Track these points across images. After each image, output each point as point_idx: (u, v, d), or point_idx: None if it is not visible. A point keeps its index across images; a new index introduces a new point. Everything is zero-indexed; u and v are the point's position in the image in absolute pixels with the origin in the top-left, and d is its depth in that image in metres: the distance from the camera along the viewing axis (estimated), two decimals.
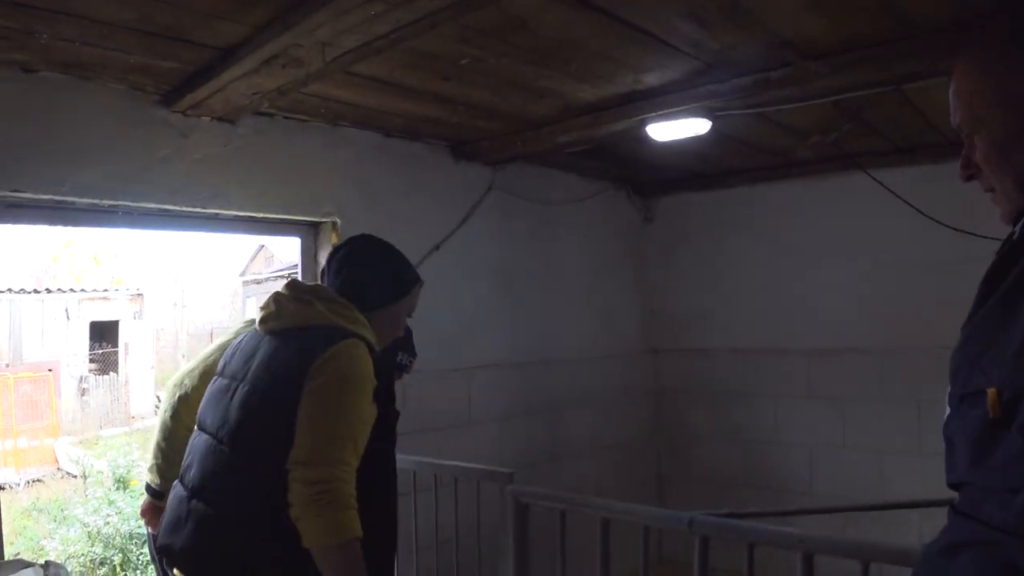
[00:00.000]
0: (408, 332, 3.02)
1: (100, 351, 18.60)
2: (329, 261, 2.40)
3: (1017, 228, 1.14)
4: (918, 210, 4.22)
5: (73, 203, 2.84)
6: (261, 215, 3.38)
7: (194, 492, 2.07)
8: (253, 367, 2.11)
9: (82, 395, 16.71)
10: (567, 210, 4.84)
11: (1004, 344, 1.03)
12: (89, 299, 18.69)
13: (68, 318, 18.17)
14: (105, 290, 18.89)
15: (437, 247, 3.89)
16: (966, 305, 1.22)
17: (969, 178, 1.25)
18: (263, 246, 23.13)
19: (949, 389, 1.16)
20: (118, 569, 6.42)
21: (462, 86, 3.06)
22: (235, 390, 2.10)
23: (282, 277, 18.86)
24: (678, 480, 5.55)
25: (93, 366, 18.22)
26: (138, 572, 6.03)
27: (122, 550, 6.52)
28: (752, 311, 5.17)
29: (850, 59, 2.82)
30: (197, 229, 3.32)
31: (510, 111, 3.43)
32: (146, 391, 17.18)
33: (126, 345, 18.57)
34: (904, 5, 2.43)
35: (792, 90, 3.06)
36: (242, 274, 25.27)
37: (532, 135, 3.74)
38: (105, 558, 6.54)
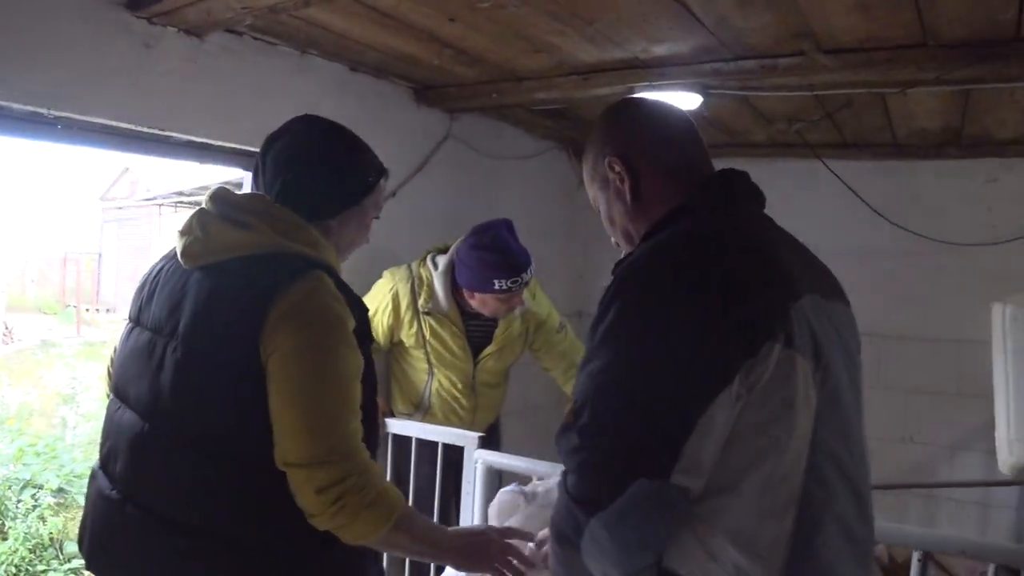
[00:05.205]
0: None
1: None
2: (263, 157, 1.81)
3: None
4: (864, 201, 4.31)
5: (11, 109, 2.46)
6: (217, 143, 3.06)
7: (127, 493, 1.62)
8: (184, 318, 1.59)
9: None
10: (511, 166, 4.68)
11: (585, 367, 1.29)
12: None
13: None
14: None
15: (393, 194, 3.67)
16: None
17: (617, 243, 1.61)
18: (128, 169, 21.65)
19: None
20: None
21: (465, 29, 2.84)
22: (163, 351, 1.60)
23: (152, 206, 17.70)
24: None
25: None
26: (17, 521, 5.20)
27: None
28: None
29: (861, 58, 2.80)
30: (142, 152, 2.96)
31: (498, 62, 3.24)
32: None
33: None
34: (938, 14, 2.41)
35: (792, 79, 3.02)
36: (102, 198, 23.70)
37: (511, 88, 3.53)
38: None
